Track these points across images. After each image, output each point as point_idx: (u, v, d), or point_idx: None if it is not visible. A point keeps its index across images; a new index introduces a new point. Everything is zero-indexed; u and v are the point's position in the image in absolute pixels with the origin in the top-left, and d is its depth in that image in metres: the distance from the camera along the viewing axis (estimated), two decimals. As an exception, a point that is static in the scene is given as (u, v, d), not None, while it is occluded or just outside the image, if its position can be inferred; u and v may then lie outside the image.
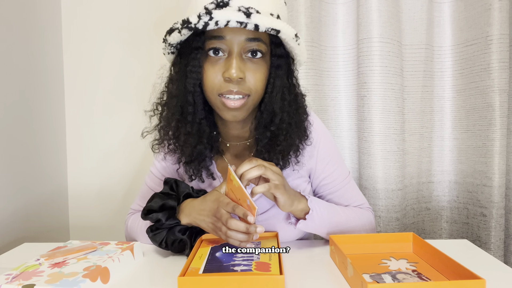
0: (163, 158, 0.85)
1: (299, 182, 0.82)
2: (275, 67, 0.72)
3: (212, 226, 0.68)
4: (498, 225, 1.11)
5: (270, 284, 0.55)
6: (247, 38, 0.68)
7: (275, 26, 0.65)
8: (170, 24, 0.70)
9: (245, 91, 0.70)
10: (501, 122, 1.10)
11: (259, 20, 0.63)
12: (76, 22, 1.35)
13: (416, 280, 0.58)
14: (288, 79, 0.75)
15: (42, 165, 1.23)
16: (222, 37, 0.67)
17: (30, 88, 1.17)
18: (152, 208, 0.72)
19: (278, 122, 0.73)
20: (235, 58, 0.67)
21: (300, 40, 0.71)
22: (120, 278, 0.63)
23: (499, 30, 1.08)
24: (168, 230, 0.71)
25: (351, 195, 0.85)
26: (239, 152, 0.83)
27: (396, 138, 1.15)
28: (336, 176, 0.83)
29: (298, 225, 0.73)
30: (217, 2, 0.65)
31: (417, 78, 1.21)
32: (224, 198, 0.67)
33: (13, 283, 0.54)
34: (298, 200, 0.72)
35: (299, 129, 0.76)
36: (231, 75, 0.67)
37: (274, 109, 0.73)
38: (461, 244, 0.79)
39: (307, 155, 0.81)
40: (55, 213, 1.31)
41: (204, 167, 0.77)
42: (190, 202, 0.73)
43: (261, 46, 0.69)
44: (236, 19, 0.63)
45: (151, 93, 0.80)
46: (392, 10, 1.13)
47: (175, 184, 0.75)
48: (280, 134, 0.73)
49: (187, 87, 0.71)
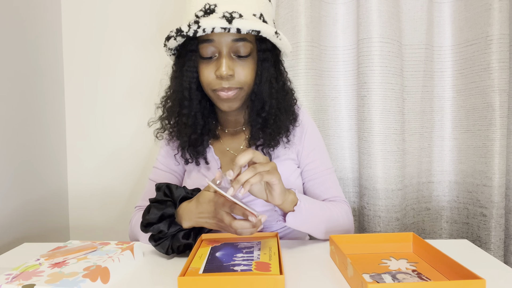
0: (167, 143, 0.94)
1: (289, 163, 0.88)
2: (262, 60, 0.81)
3: (217, 226, 0.70)
4: (498, 225, 1.11)
5: (270, 284, 0.55)
6: (234, 39, 0.76)
7: (255, 28, 0.74)
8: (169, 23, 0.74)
9: (236, 85, 0.79)
10: (501, 122, 1.10)
11: (240, 24, 0.73)
12: (76, 22, 1.35)
13: (416, 280, 0.58)
14: (276, 69, 0.84)
15: (42, 165, 1.23)
16: (212, 40, 0.77)
17: (30, 88, 1.17)
18: (151, 221, 0.72)
19: (268, 108, 0.82)
20: (224, 57, 0.77)
21: (281, 36, 0.80)
22: (120, 278, 0.64)
23: (499, 30, 1.08)
24: (171, 237, 0.72)
25: (331, 185, 0.90)
26: (235, 136, 0.91)
27: (396, 138, 1.15)
28: (319, 164, 0.89)
29: (287, 218, 0.72)
30: (205, 10, 0.76)
31: (417, 78, 1.21)
32: (218, 199, 0.68)
33: (13, 283, 0.54)
34: (288, 190, 0.71)
35: (288, 112, 0.85)
36: (222, 73, 0.76)
37: (264, 97, 0.82)
38: (461, 244, 0.79)
39: (297, 136, 0.89)
40: (55, 213, 1.31)
41: (200, 152, 0.85)
42: (186, 206, 0.73)
43: (246, 45, 0.77)
44: (220, 26, 0.73)
45: (159, 88, 0.93)
46: (392, 10, 1.13)
47: (167, 189, 0.76)
48: (270, 118, 0.82)
49: (184, 85, 0.81)
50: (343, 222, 0.84)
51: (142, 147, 1.37)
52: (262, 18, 0.79)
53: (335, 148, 1.27)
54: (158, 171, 0.94)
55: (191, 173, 0.89)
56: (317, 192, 0.89)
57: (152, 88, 1.35)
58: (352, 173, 1.27)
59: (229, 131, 0.92)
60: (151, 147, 1.37)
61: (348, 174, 1.27)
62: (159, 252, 0.74)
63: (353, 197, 1.27)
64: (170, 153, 0.93)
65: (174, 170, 0.93)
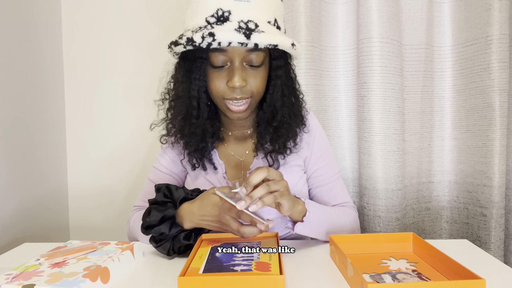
0: (171, 147, 0.90)
1: (297, 170, 0.86)
2: (275, 68, 0.78)
3: (220, 229, 0.70)
4: (498, 225, 1.11)
5: (270, 284, 0.55)
6: (248, 49, 0.72)
7: (273, 42, 0.70)
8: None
9: (248, 95, 0.76)
10: (501, 122, 1.10)
11: (258, 39, 0.68)
12: (76, 21, 1.35)
13: (416, 280, 0.58)
14: (287, 75, 0.81)
15: (42, 165, 1.23)
16: (224, 50, 0.72)
17: (30, 88, 1.17)
18: (152, 223, 0.71)
19: (279, 118, 0.80)
20: (236, 68, 0.73)
21: (296, 46, 0.76)
22: (120, 278, 0.63)
23: (499, 30, 1.08)
24: (172, 238, 0.72)
25: (339, 191, 0.89)
26: (241, 140, 0.89)
27: (396, 138, 1.15)
28: (327, 170, 0.88)
29: (296, 227, 0.73)
30: (217, 16, 0.70)
31: (417, 78, 1.21)
32: (223, 203, 0.67)
33: (13, 283, 0.54)
34: (297, 202, 0.72)
35: (297, 118, 0.83)
36: (235, 85, 0.72)
37: (276, 106, 0.80)
38: (461, 244, 0.79)
39: (304, 141, 0.87)
40: (55, 213, 1.31)
41: (206, 157, 0.83)
42: (187, 206, 0.72)
43: (259, 55, 0.74)
44: (237, 41, 0.68)
45: (158, 85, 0.87)
46: (392, 10, 1.13)
47: (167, 190, 0.75)
48: (281, 127, 0.80)
49: (192, 93, 0.77)
50: (351, 229, 0.84)
51: (141, 147, 1.37)
52: (276, 24, 0.74)
53: (335, 148, 1.27)
54: (158, 172, 0.92)
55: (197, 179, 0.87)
56: (325, 199, 0.88)
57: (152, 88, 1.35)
58: (352, 173, 1.27)
59: (233, 134, 0.89)
60: (151, 146, 1.37)
61: (348, 174, 1.27)
62: (160, 252, 0.74)
63: (353, 197, 1.27)
64: (175, 159, 0.90)
65: (174, 173, 0.91)
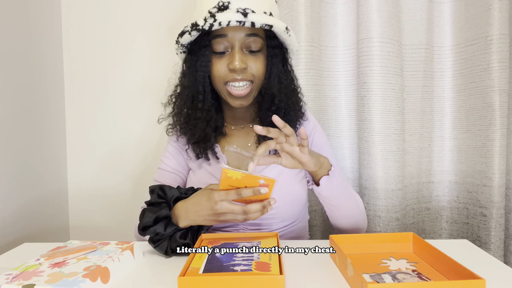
0: (176, 140, 0.95)
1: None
2: (271, 56, 0.84)
3: (217, 221, 0.71)
4: (498, 225, 1.11)
5: (270, 284, 0.55)
6: (246, 34, 0.79)
7: (268, 22, 0.77)
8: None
9: (249, 77, 0.81)
10: (501, 122, 1.10)
11: (255, 18, 0.76)
12: (76, 21, 1.35)
13: (416, 280, 0.58)
14: (284, 66, 0.87)
15: (42, 165, 1.23)
16: (225, 35, 0.79)
17: (30, 88, 1.17)
18: (147, 225, 0.72)
19: (277, 102, 0.84)
20: (237, 52, 0.79)
21: (290, 32, 0.83)
22: (120, 278, 0.63)
23: (499, 30, 1.08)
24: (169, 238, 0.72)
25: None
26: (242, 134, 0.92)
27: (396, 138, 1.15)
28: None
29: (321, 181, 0.78)
30: (218, 6, 0.78)
31: (417, 78, 1.21)
32: (219, 193, 0.69)
33: (13, 283, 0.54)
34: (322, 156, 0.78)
35: (296, 107, 0.88)
36: (235, 66, 0.78)
37: (273, 92, 0.84)
38: (461, 244, 0.79)
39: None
40: (55, 213, 1.31)
41: (209, 148, 0.87)
42: (182, 205, 0.74)
43: (257, 41, 0.80)
44: (235, 19, 0.75)
45: (166, 86, 0.94)
46: (392, 10, 1.13)
47: (161, 190, 0.77)
48: (280, 112, 0.84)
49: (198, 79, 0.83)
50: (361, 212, 0.89)
51: (142, 147, 1.37)
52: (272, 16, 0.81)
53: (335, 148, 1.27)
54: (162, 172, 0.94)
55: (196, 171, 0.90)
56: None
57: (152, 89, 1.35)
58: (352, 173, 1.27)
59: (235, 129, 0.92)
60: (150, 147, 1.37)
61: (348, 174, 1.27)
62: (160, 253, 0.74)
63: (353, 197, 1.27)
64: (179, 150, 0.94)
65: (178, 171, 0.94)
